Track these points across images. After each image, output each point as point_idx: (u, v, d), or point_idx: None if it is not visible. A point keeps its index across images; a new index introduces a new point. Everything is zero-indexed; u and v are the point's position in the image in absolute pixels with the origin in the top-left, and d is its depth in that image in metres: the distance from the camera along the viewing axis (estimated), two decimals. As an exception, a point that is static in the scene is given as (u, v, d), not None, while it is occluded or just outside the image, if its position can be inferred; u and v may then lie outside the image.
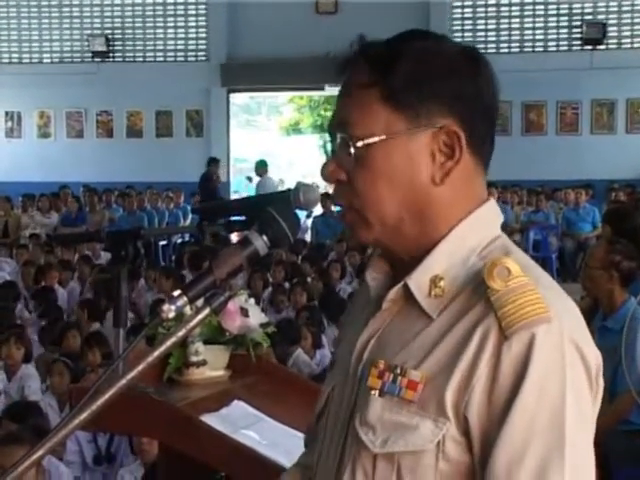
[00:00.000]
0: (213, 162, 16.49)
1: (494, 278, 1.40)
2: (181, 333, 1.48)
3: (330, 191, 1.61)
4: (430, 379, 1.41)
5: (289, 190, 2.22)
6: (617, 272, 4.97)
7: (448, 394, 1.39)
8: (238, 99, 21.63)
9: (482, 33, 18.56)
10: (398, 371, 1.45)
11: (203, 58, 19.39)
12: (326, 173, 1.53)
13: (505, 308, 1.38)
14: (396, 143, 1.47)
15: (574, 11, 18.28)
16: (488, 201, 1.55)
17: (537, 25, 18.43)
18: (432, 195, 1.49)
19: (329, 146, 1.55)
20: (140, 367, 1.45)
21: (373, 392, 1.46)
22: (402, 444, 1.41)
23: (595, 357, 1.44)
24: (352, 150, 1.48)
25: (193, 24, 19.53)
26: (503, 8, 18.55)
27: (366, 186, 1.49)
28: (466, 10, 18.66)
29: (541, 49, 18.39)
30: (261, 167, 16.54)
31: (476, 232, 1.50)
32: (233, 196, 18.53)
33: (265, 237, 1.51)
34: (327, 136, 1.56)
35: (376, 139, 1.47)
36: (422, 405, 1.41)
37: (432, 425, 1.40)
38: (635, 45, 18.03)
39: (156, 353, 1.46)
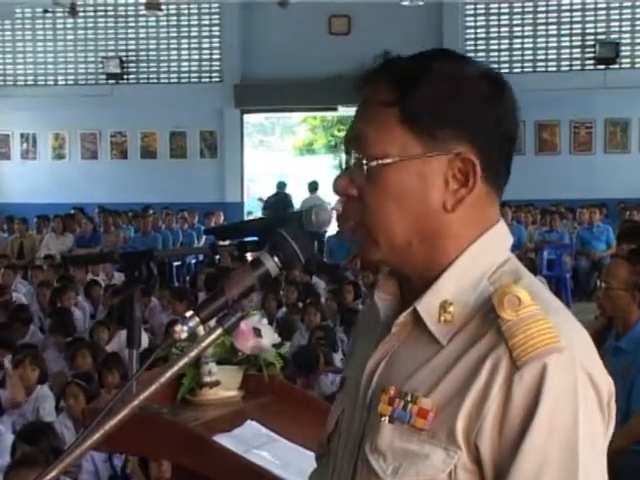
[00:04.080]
0: (284, 185, 18.39)
1: (505, 308, 1.38)
2: (193, 353, 1.49)
3: None
4: (441, 407, 1.39)
5: (302, 211, 2.23)
6: (639, 293, 4.95)
7: (459, 423, 1.37)
8: (252, 119, 21.72)
9: (495, 53, 18.58)
10: (409, 398, 1.43)
11: (217, 79, 19.44)
12: (338, 187, 1.51)
13: (516, 338, 1.36)
14: (410, 166, 1.45)
15: (587, 31, 18.29)
16: (497, 223, 1.52)
17: (550, 45, 18.45)
18: (442, 221, 1.46)
19: (344, 158, 1.53)
20: (153, 388, 1.45)
21: (383, 418, 1.45)
22: (413, 473, 1.40)
23: (607, 384, 1.42)
24: (365, 168, 1.46)
25: (207, 45, 19.59)
26: (516, 28, 18.57)
27: (376, 205, 1.46)
28: (479, 30, 18.70)
29: (554, 69, 18.40)
30: (311, 186, 18.04)
31: (486, 256, 1.48)
32: (246, 217, 18.60)
33: (276, 258, 1.52)
34: (343, 147, 1.53)
35: (390, 160, 1.45)
36: (433, 433, 1.39)
37: (443, 454, 1.38)
38: (648, 64, 18.05)
39: (168, 373, 1.47)
